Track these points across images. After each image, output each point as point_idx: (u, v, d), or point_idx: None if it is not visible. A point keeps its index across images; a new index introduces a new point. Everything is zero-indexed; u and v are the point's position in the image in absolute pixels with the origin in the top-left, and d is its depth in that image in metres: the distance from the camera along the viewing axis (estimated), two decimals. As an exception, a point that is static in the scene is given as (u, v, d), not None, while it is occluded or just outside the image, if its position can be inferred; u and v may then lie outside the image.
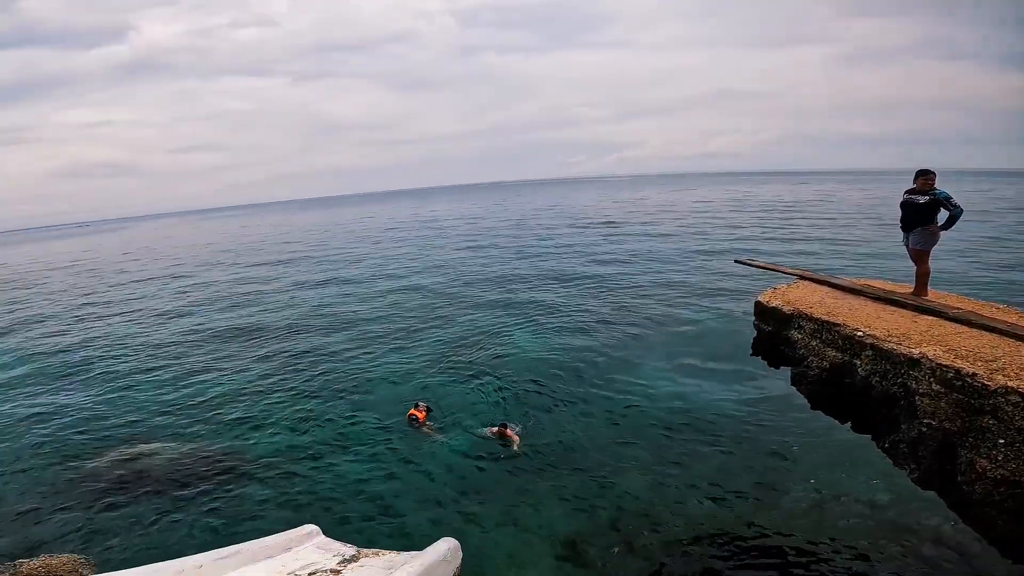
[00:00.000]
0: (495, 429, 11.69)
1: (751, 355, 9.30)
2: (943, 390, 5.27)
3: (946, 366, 5.22)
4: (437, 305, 24.20)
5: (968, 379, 5.00)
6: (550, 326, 19.89)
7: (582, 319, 20.46)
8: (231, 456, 11.98)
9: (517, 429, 11.79)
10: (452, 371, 16.08)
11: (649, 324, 19.33)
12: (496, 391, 14.39)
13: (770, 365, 8.85)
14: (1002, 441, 4.77)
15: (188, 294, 32.01)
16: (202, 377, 17.24)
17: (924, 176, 7.23)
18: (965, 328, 6.05)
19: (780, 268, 10.08)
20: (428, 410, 12.98)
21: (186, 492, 10.61)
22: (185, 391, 16.16)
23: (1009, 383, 4.71)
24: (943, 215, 7.19)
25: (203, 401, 15.31)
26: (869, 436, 6.88)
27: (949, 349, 5.49)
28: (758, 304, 8.63)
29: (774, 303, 8.23)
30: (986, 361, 5.14)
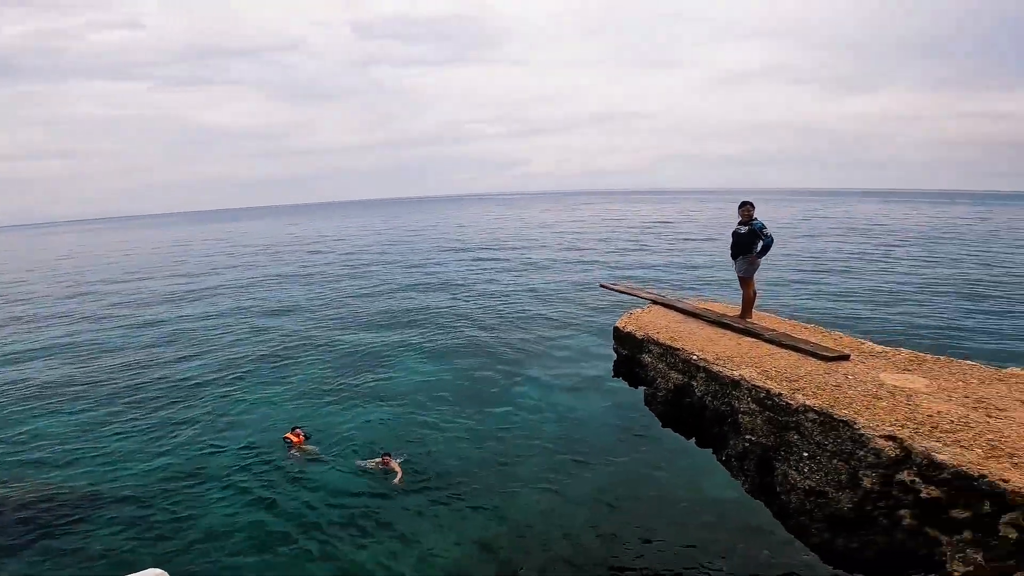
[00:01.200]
0: (377, 460, 11.20)
1: (612, 376, 9.80)
2: (758, 408, 5.84)
3: (759, 386, 5.80)
4: (312, 330, 23.14)
5: (776, 398, 5.58)
6: (429, 349, 19.78)
7: (460, 342, 20.55)
8: (76, 495, 10.75)
9: (400, 460, 11.34)
10: (331, 397, 15.48)
11: (525, 345, 19.81)
12: (378, 416, 13.99)
13: (630, 385, 9.36)
14: (806, 455, 5.34)
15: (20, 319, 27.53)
16: (40, 412, 15.27)
17: (743, 208, 8.05)
18: (777, 349, 6.78)
19: (637, 292, 10.75)
20: (306, 436, 12.44)
21: (23, 536, 9.46)
22: (21, 427, 14.21)
23: (807, 401, 5.31)
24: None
25: (43, 437, 13.52)
26: (711, 451, 7.45)
27: (762, 371, 6.11)
28: (615, 329, 9.12)
29: (628, 328, 8.73)
30: (790, 381, 5.77)
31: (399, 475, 10.87)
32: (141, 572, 3.69)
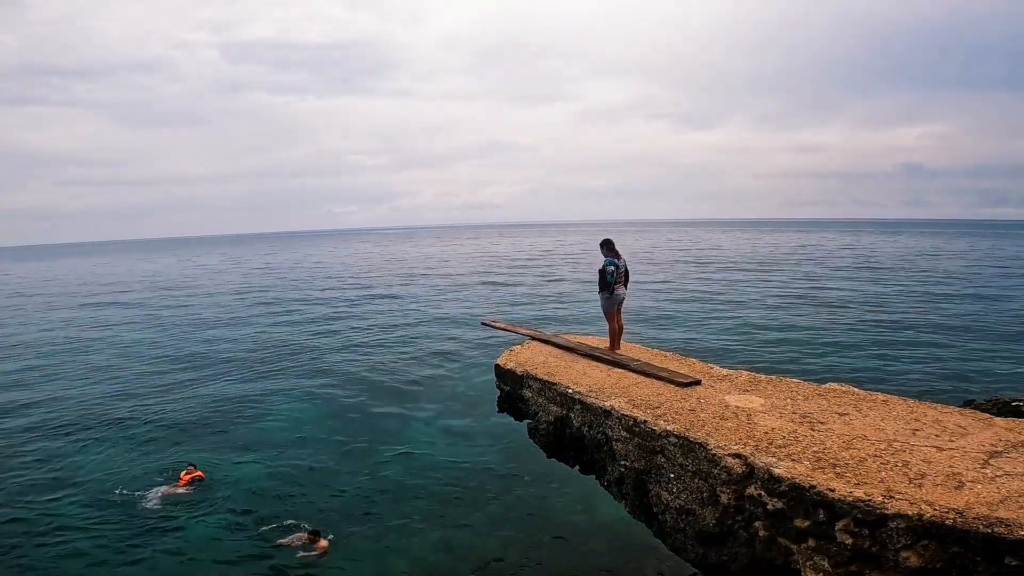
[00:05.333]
0: (302, 535, 9.73)
1: (498, 411, 9.87)
2: (628, 435, 6.21)
3: (627, 415, 6.19)
4: (171, 373, 20.99)
5: (642, 425, 5.99)
6: (305, 391, 18.76)
7: (341, 381, 19.75)
8: None
9: (330, 537, 9.92)
10: (203, 442, 14.35)
11: (410, 383, 19.50)
12: (255, 464, 13.13)
13: (515, 419, 9.48)
14: (672, 476, 5.75)
15: None
16: None
17: (601, 247, 8.73)
18: (642, 378, 7.32)
19: (515, 329, 11.05)
20: (199, 479, 11.87)
21: None
22: None
23: (668, 426, 5.75)
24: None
25: None
26: (594, 477, 7.75)
27: (629, 400, 6.54)
28: (497, 366, 9.24)
29: (508, 365, 8.89)
30: (653, 408, 6.23)
31: (321, 552, 9.46)
32: None
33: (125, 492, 11.75)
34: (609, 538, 9.93)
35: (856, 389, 6.55)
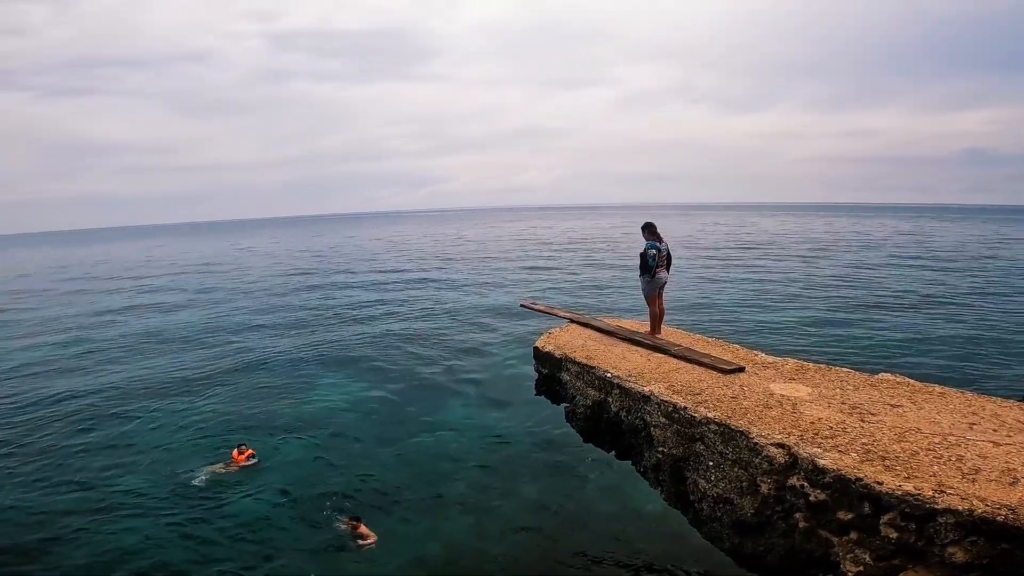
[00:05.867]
0: (347, 520, 9.87)
1: (535, 395, 9.95)
2: (667, 421, 6.17)
3: (667, 401, 6.14)
4: (218, 355, 21.83)
5: (682, 411, 5.94)
6: (347, 371, 19.24)
7: (379, 363, 20.13)
8: None
9: (364, 520, 10.07)
10: (249, 423, 14.80)
11: (448, 365, 19.73)
12: (298, 444, 13.53)
13: (552, 403, 9.56)
14: (711, 463, 5.70)
15: None
16: None
17: (642, 230, 8.61)
18: (683, 363, 7.23)
19: (555, 312, 11.05)
20: (252, 458, 12.33)
21: None
22: None
23: (708, 413, 5.69)
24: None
25: None
26: (630, 462, 7.76)
27: (669, 385, 6.48)
28: (535, 349, 9.30)
29: (547, 348, 8.94)
30: (694, 394, 6.16)
31: (371, 540, 9.51)
32: None
33: (179, 470, 12.21)
34: (643, 525, 9.90)
35: (911, 380, 6.31)
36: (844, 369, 6.89)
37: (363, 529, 9.58)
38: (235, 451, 12.43)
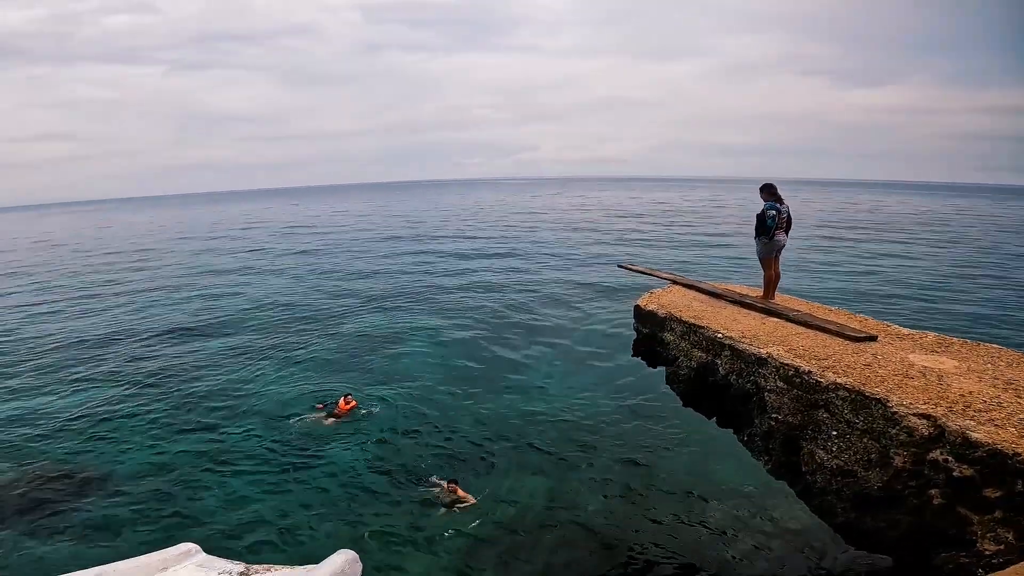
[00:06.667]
0: (445, 484, 9.94)
1: (632, 356, 9.82)
2: (786, 387, 5.86)
3: (787, 364, 5.82)
4: (321, 310, 23.26)
5: (805, 376, 5.61)
6: (443, 328, 19.89)
7: (475, 321, 20.64)
8: (91, 474, 10.87)
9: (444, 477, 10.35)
10: (347, 374, 15.65)
11: (542, 326, 19.92)
12: (392, 395, 14.19)
13: (649, 365, 9.38)
14: (835, 433, 5.37)
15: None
16: (49, 390, 15.30)
17: (760, 191, 8.08)
18: (803, 329, 6.80)
19: (656, 273, 10.75)
20: (355, 408, 13.00)
21: (41, 515, 9.53)
22: (26, 404, 14.29)
23: (838, 379, 5.33)
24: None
25: (51, 416, 13.57)
26: (732, 431, 7.51)
27: (790, 349, 6.13)
28: (637, 308, 9.09)
29: (650, 307, 8.72)
30: (819, 359, 5.79)
31: (469, 502, 9.61)
32: (173, 547, 3.68)
33: (284, 415, 13.00)
34: (739, 495, 9.64)
35: (1074, 360, 5.56)
36: (993, 345, 6.18)
37: (460, 492, 9.68)
38: (341, 400, 13.05)
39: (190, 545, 3.62)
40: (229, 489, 10.30)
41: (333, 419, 12.63)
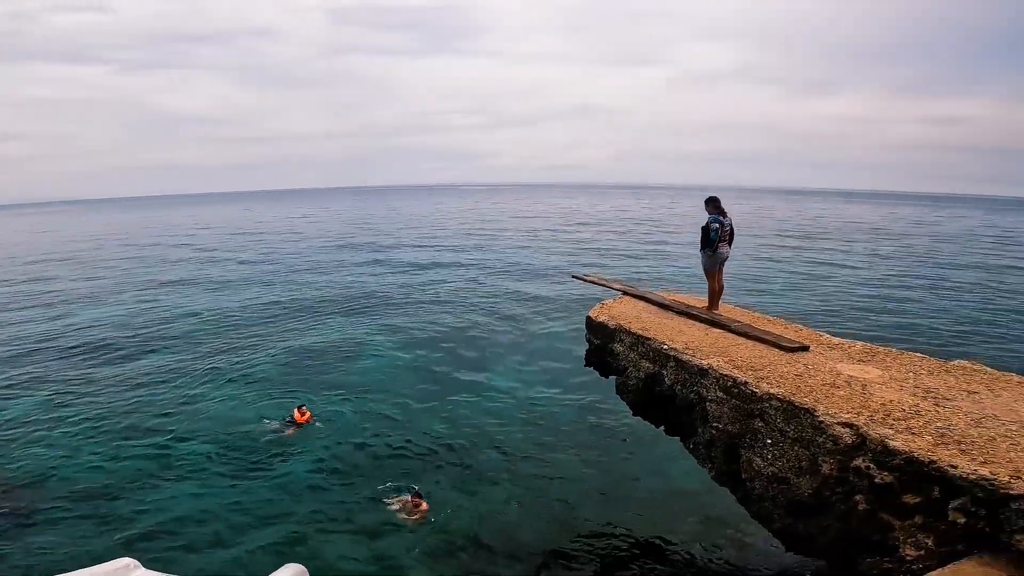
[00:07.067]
0: (409, 497, 9.65)
1: (584, 366, 9.95)
2: (725, 397, 6.07)
3: (726, 375, 6.03)
4: (270, 318, 22.74)
5: (742, 387, 5.82)
6: (396, 339, 19.66)
7: (428, 330, 20.52)
8: (23, 483, 10.44)
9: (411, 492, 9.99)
10: (299, 387, 15.26)
11: (496, 334, 19.97)
12: (346, 407, 13.93)
13: (601, 375, 9.53)
14: (769, 441, 5.58)
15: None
16: None
17: (705, 204, 8.38)
18: (743, 339, 7.05)
19: (608, 283, 10.94)
20: (310, 420, 12.67)
21: None
22: None
23: (771, 390, 5.55)
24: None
25: None
26: (679, 439, 7.69)
27: (729, 360, 6.35)
28: (588, 319, 9.24)
29: (601, 318, 8.87)
30: (755, 370, 6.01)
31: (419, 515, 9.44)
32: (109, 562, 3.52)
33: (236, 428, 12.53)
34: (687, 502, 9.85)
35: (988, 368, 5.96)
36: (916, 354, 6.56)
37: (424, 505, 9.50)
38: (296, 411, 12.71)
39: (128, 560, 3.50)
40: (173, 501, 9.94)
41: (288, 431, 12.33)
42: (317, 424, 12.72)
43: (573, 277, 12.74)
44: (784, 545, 6.06)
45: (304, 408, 12.92)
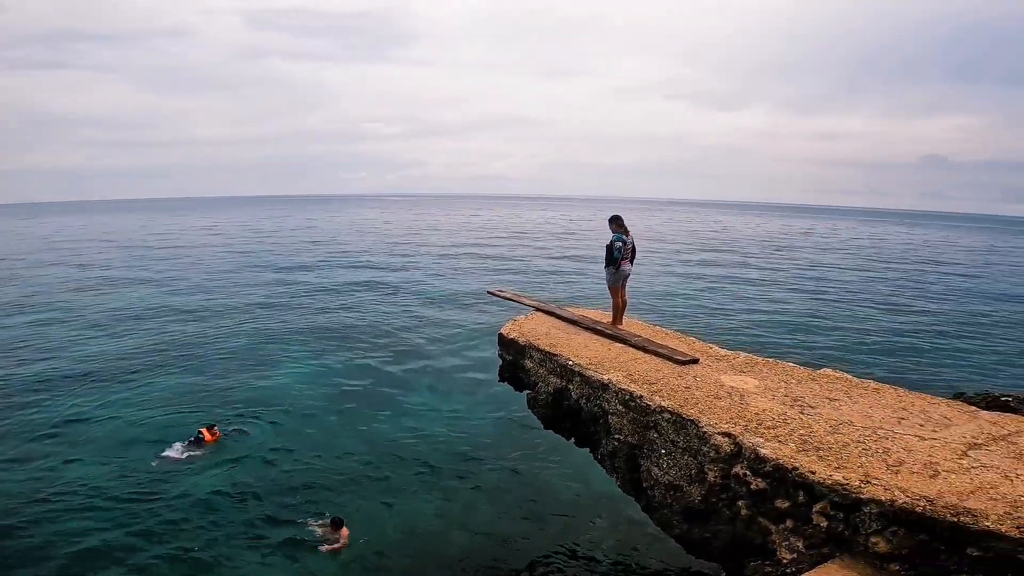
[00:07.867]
0: (328, 524, 9.32)
1: (498, 381, 10.10)
2: (624, 409, 6.40)
3: (624, 389, 6.37)
4: (174, 333, 21.44)
5: (638, 400, 6.17)
6: (308, 355, 19.09)
7: (344, 346, 20.05)
8: None
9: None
10: (207, 403, 14.59)
11: (412, 349, 19.86)
12: (259, 424, 13.43)
13: (516, 389, 9.70)
14: (664, 451, 5.94)
15: None
16: None
17: (609, 223, 8.81)
18: (641, 354, 7.48)
19: (521, 299, 11.20)
20: (217, 440, 12.16)
21: None
22: None
23: (663, 402, 5.93)
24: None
25: None
26: (588, 450, 7.98)
27: (628, 374, 6.71)
28: (500, 336, 9.41)
29: (512, 335, 9.06)
30: (650, 384, 6.40)
31: (342, 543, 9.06)
32: None
33: (135, 453, 11.77)
34: (600, 512, 10.18)
35: (849, 376, 6.69)
36: (790, 364, 7.24)
37: (344, 532, 9.13)
38: (205, 430, 12.11)
39: None
40: (65, 527, 9.22)
41: (198, 451, 11.71)
42: (227, 443, 12.15)
43: (489, 292, 12.91)
44: (685, 550, 6.40)
45: (215, 428, 12.35)
